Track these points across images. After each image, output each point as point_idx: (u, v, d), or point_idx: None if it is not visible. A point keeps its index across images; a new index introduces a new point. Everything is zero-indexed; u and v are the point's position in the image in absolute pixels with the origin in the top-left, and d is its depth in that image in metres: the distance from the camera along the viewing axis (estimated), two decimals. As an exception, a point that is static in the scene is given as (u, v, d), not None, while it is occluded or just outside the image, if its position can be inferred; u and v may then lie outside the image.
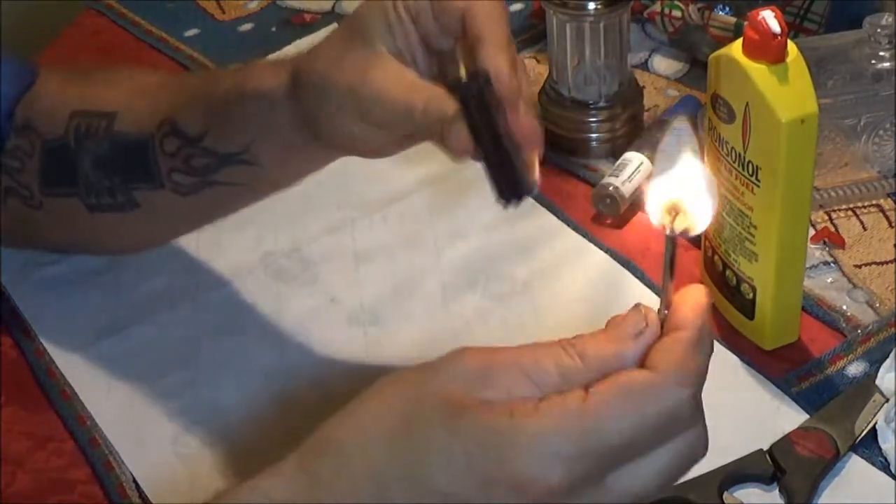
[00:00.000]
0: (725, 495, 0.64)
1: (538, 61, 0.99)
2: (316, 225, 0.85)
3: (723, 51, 0.67)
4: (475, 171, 0.89)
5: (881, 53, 0.80)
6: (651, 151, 0.85)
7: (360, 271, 0.81)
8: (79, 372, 0.75)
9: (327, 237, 0.84)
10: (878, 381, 0.68)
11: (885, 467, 0.65)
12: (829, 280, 0.77)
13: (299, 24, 1.08)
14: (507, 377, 0.47)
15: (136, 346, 0.77)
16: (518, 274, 0.79)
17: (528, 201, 0.85)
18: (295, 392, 0.73)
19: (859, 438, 0.66)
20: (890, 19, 0.80)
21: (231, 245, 0.83)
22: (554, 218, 0.83)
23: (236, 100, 0.67)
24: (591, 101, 0.88)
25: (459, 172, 0.89)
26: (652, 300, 0.75)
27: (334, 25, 1.05)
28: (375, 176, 0.87)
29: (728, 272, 0.72)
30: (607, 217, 0.83)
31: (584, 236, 0.82)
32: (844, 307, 0.75)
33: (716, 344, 0.72)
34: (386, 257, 0.82)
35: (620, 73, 0.88)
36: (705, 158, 0.71)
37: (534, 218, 0.83)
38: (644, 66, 0.97)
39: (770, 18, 0.63)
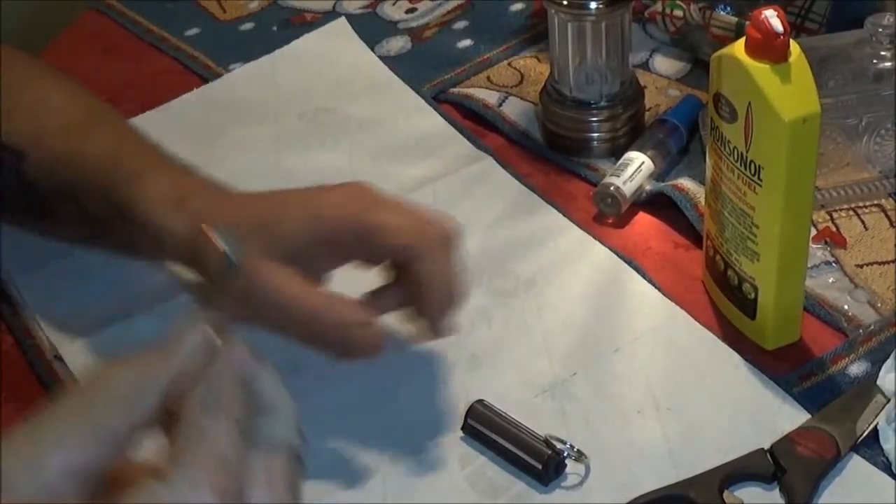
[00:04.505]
0: (726, 494, 0.64)
1: (539, 61, 0.99)
2: None
3: (725, 50, 0.67)
4: (479, 169, 0.89)
5: (882, 53, 0.80)
6: (653, 151, 0.85)
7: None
8: (83, 361, 0.75)
9: None
10: (879, 382, 0.68)
11: (886, 467, 0.65)
12: (830, 280, 0.77)
13: (300, 23, 1.08)
14: None
15: (140, 335, 0.76)
16: (521, 271, 0.79)
17: (532, 199, 0.86)
18: (299, 384, 0.73)
19: (860, 438, 0.66)
20: (891, 19, 0.80)
21: None
22: (558, 215, 0.83)
23: (125, 211, 0.68)
24: (592, 101, 0.88)
25: (463, 170, 0.89)
26: (654, 297, 0.76)
27: (332, 24, 1.06)
28: (381, 174, 0.87)
29: (730, 272, 0.72)
30: (609, 216, 0.83)
31: (586, 234, 0.82)
32: (846, 307, 0.75)
33: (718, 343, 0.73)
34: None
35: (622, 73, 0.87)
36: (707, 158, 0.72)
37: (538, 215, 0.84)
38: (645, 65, 0.97)
39: (772, 18, 0.63)
